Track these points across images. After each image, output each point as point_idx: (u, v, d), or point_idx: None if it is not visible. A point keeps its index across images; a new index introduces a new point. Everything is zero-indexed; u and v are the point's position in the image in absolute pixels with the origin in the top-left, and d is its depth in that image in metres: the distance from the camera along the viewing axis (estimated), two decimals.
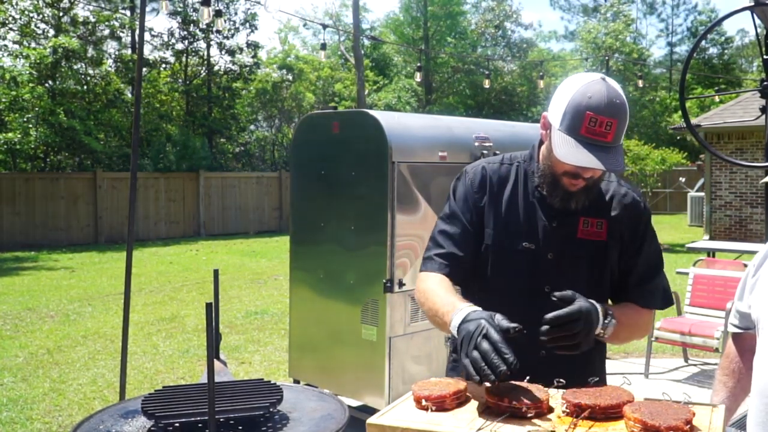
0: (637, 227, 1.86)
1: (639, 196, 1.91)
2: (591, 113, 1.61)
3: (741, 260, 6.62)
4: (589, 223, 1.81)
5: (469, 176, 1.89)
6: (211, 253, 14.57)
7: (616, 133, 1.63)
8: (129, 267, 3.84)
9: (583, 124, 1.61)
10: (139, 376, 5.77)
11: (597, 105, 1.61)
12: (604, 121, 1.61)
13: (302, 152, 4.78)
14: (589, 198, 1.78)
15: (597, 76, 1.68)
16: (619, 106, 1.63)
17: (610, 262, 1.84)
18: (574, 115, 1.63)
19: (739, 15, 2.71)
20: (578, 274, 1.81)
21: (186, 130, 21.24)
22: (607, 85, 1.65)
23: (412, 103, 27.05)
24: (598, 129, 1.61)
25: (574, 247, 1.81)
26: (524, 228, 1.82)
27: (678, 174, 22.47)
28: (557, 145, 1.65)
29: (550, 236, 1.80)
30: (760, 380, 1.63)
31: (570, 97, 1.65)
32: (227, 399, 1.60)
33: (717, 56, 39.76)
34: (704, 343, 5.30)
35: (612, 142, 1.63)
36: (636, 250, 1.86)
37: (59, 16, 19.54)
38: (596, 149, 1.61)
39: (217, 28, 20.74)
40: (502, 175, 1.87)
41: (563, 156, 1.63)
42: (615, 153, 1.63)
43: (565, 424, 1.37)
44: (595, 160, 1.60)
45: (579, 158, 1.61)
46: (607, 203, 1.84)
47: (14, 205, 15.49)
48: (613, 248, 1.83)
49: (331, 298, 4.44)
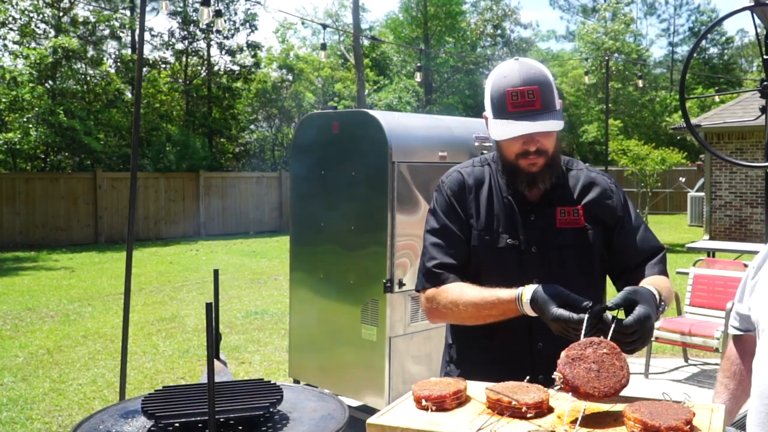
0: (615, 207, 1.88)
1: (609, 178, 1.95)
2: (510, 89, 1.68)
3: (741, 260, 6.62)
4: (566, 212, 1.84)
5: (447, 184, 1.92)
6: (211, 253, 14.57)
7: (542, 99, 1.68)
8: (129, 267, 3.84)
9: (507, 102, 1.68)
10: (139, 376, 5.77)
11: (513, 81, 1.68)
12: (524, 90, 1.67)
13: (302, 152, 4.77)
14: (554, 175, 1.81)
15: (511, 59, 1.77)
16: (534, 74, 1.69)
17: (595, 248, 1.86)
18: (498, 99, 1.70)
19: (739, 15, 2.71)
20: (565, 265, 1.83)
21: (186, 130, 21.24)
22: (519, 62, 1.73)
23: (413, 103, 27.04)
24: (522, 100, 1.67)
25: (556, 238, 1.83)
26: (505, 225, 1.84)
27: (678, 174, 22.47)
28: (494, 131, 1.72)
29: (531, 230, 1.83)
30: (760, 382, 1.63)
31: (491, 86, 1.73)
32: (227, 399, 1.60)
33: (717, 56, 39.77)
34: (704, 343, 5.30)
35: (542, 108, 1.67)
36: (620, 231, 1.87)
37: (59, 16, 19.54)
38: (528, 118, 1.66)
39: (217, 28, 20.76)
40: (477, 176, 1.91)
41: (498, 136, 1.70)
42: (550, 116, 1.68)
43: (565, 424, 1.37)
44: (527, 125, 1.65)
45: (512, 130, 1.67)
46: (579, 191, 1.87)
47: (14, 205, 15.48)
48: (594, 232, 1.85)
49: (331, 298, 4.44)
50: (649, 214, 16.34)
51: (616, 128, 29.18)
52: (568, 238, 1.83)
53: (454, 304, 1.78)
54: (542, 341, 1.79)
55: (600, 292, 1.92)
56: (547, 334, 1.65)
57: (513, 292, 1.65)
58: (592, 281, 1.87)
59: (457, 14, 31.50)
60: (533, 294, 1.59)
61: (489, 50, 32.37)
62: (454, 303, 1.78)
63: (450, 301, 1.79)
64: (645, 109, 33.11)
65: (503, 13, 32.37)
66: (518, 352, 1.82)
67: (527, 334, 1.80)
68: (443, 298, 1.81)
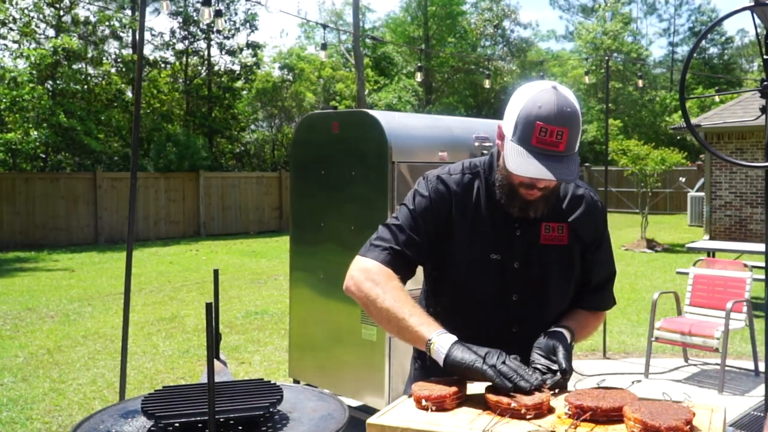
0: (597, 227, 1.88)
1: (595, 195, 1.92)
2: (541, 123, 1.60)
3: (741, 260, 6.62)
4: (551, 228, 1.81)
5: (432, 185, 1.85)
6: (211, 253, 14.57)
7: (568, 142, 1.61)
8: (129, 267, 3.84)
9: (533, 135, 1.60)
10: (139, 376, 5.77)
11: (547, 115, 1.60)
12: (555, 130, 1.59)
13: (302, 152, 4.78)
14: (548, 206, 1.78)
15: (548, 84, 1.66)
16: (569, 115, 1.61)
17: (575, 266, 1.86)
18: (524, 126, 1.62)
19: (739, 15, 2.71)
20: (546, 282, 1.82)
21: (186, 130, 21.25)
22: (557, 94, 1.62)
23: (413, 103, 27.05)
24: (549, 139, 1.60)
25: (539, 254, 1.81)
26: (491, 238, 1.80)
27: (678, 174, 22.47)
28: (509, 156, 1.65)
29: (515, 245, 1.80)
30: None
31: (521, 108, 1.64)
32: (227, 399, 1.60)
33: (717, 56, 39.79)
34: (704, 343, 5.30)
35: (564, 151, 1.61)
36: (594, 251, 1.88)
37: (59, 16, 19.54)
38: (548, 159, 1.60)
39: (217, 28, 20.75)
40: (466, 185, 1.85)
41: (514, 168, 1.62)
42: (568, 162, 1.62)
43: (566, 424, 1.37)
44: (545, 170, 1.59)
45: (530, 169, 1.60)
46: (565, 207, 1.84)
47: (14, 205, 15.49)
48: (576, 251, 1.85)
49: (331, 298, 4.44)
50: (649, 214, 16.33)
51: (616, 128, 29.19)
52: (552, 255, 1.81)
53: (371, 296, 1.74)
54: (516, 325, 1.82)
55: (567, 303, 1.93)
56: (522, 317, 1.80)
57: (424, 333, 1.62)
58: (566, 296, 1.88)
59: (457, 14, 31.51)
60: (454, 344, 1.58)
61: (489, 50, 32.35)
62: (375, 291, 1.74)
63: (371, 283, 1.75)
64: (645, 109, 33.10)
65: (503, 13, 32.36)
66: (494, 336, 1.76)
67: (502, 316, 1.82)
68: (368, 277, 1.77)
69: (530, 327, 1.78)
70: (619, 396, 1.43)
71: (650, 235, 15.96)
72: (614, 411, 1.37)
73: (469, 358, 1.52)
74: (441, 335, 1.60)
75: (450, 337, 1.59)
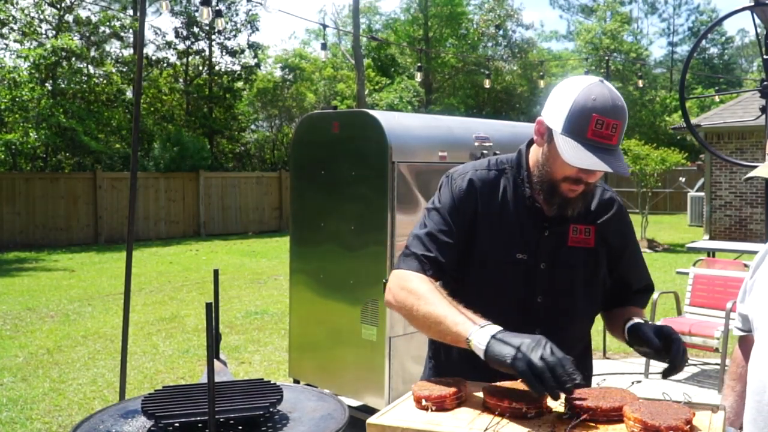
0: (623, 229, 1.87)
1: (617, 195, 1.91)
2: (597, 115, 1.57)
3: (741, 260, 6.62)
4: (578, 231, 1.79)
5: (457, 183, 1.81)
6: (211, 253, 14.56)
7: (620, 135, 1.61)
8: (129, 267, 3.84)
9: (589, 127, 1.58)
10: (139, 376, 5.77)
11: (603, 107, 1.58)
12: (611, 123, 1.58)
13: (302, 152, 4.78)
14: (584, 204, 1.76)
15: (595, 78, 1.64)
16: (621, 108, 1.61)
17: (601, 270, 1.83)
18: (579, 118, 1.58)
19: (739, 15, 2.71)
20: (572, 284, 1.79)
21: (186, 130, 21.25)
22: (608, 88, 1.62)
23: (414, 103, 27.05)
24: (605, 131, 1.58)
25: (565, 256, 1.78)
26: (517, 238, 1.76)
27: (678, 174, 22.46)
28: (564, 149, 1.60)
29: (542, 246, 1.77)
30: (753, 379, 1.64)
31: (573, 100, 1.60)
32: (227, 399, 1.60)
33: (717, 56, 39.81)
34: (704, 343, 5.30)
35: (616, 145, 1.61)
36: (623, 252, 1.87)
37: (60, 16, 19.53)
38: (602, 152, 1.58)
39: (217, 28, 20.76)
40: (492, 182, 1.80)
41: (572, 159, 1.58)
42: (619, 156, 1.61)
43: (566, 425, 1.37)
44: (602, 163, 1.56)
45: (589, 161, 1.57)
46: (593, 209, 1.82)
47: (14, 205, 15.49)
48: (602, 255, 1.82)
49: (331, 298, 4.44)
50: (649, 214, 16.33)
51: None
52: (579, 258, 1.79)
53: (408, 304, 1.68)
54: (539, 327, 1.72)
55: (596, 312, 1.90)
56: (545, 319, 1.75)
57: (462, 332, 1.52)
58: (593, 302, 1.85)
59: (460, 14, 31.50)
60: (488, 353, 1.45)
61: (490, 51, 32.35)
62: (413, 299, 1.67)
63: (407, 293, 1.69)
64: (645, 109, 33.10)
65: (506, 13, 32.36)
66: None
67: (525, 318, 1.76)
68: (405, 286, 1.70)
69: (554, 330, 1.69)
70: (619, 396, 1.43)
71: (650, 235, 15.96)
72: (614, 411, 1.37)
73: (504, 352, 1.41)
74: (478, 332, 1.49)
75: (487, 332, 1.48)
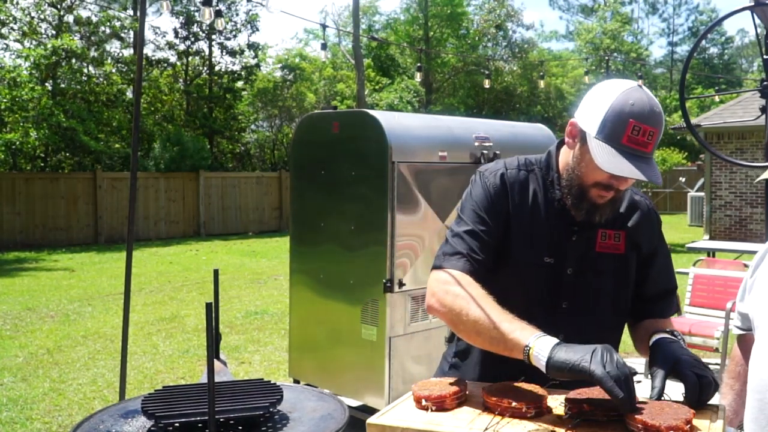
0: (653, 236, 1.81)
1: (649, 200, 1.85)
2: (635, 121, 1.52)
3: (741, 260, 6.62)
4: (607, 236, 1.73)
5: (490, 180, 1.75)
6: (211, 253, 14.56)
7: (655, 143, 1.56)
8: (129, 267, 3.84)
9: (625, 133, 1.52)
10: (139, 376, 5.77)
11: (641, 112, 1.52)
12: (648, 130, 1.52)
13: (302, 152, 4.78)
14: (613, 211, 1.70)
15: (634, 83, 1.59)
16: (659, 116, 1.55)
17: (630, 277, 1.77)
18: (615, 123, 1.53)
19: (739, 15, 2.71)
20: (598, 291, 1.74)
21: (186, 130, 21.24)
22: (647, 94, 1.56)
23: (414, 103, 27.04)
24: (641, 138, 1.53)
25: (593, 262, 1.72)
26: (546, 241, 1.71)
27: (678, 174, 22.48)
28: (597, 153, 1.54)
29: (570, 250, 1.72)
30: (754, 378, 1.64)
31: (610, 104, 1.54)
32: (227, 399, 1.60)
33: (717, 56, 39.82)
34: (704, 343, 5.30)
35: (651, 152, 1.55)
36: (651, 258, 1.80)
37: (60, 16, 19.53)
38: (636, 159, 1.52)
39: (218, 28, 20.75)
40: (522, 182, 1.75)
41: (605, 164, 1.53)
42: (653, 164, 1.55)
43: (566, 424, 1.37)
44: (637, 171, 1.51)
45: (623, 168, 1.52)
46: (623, 214, 1.76)
47: (14, 205, 15.48)
48: (632, 260, 1.76)
49: (331, 298, 4.44)
50: None
51: None
52: (607, 264, 1.73)
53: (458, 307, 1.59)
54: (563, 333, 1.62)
55: (623, 322, 1.83)
56: (570, 325, 1.66)
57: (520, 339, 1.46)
58: (623, 309, 1.79)
59: (460, 15, 31.48)
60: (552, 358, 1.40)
61: (490, 51, 32.34)
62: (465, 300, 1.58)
63: (457, 295, 1.59)
64: None
65: (506, 13, 32.35)
66: None
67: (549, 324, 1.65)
68: (457, 292, 1.60)
69: (577, 337, 1.58)
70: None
71: None
72: (614, 411, 1.37)
73: (575, 357, 1.36)
74: (540, 338, 1.44)
75: (551, 340, 1.43)
